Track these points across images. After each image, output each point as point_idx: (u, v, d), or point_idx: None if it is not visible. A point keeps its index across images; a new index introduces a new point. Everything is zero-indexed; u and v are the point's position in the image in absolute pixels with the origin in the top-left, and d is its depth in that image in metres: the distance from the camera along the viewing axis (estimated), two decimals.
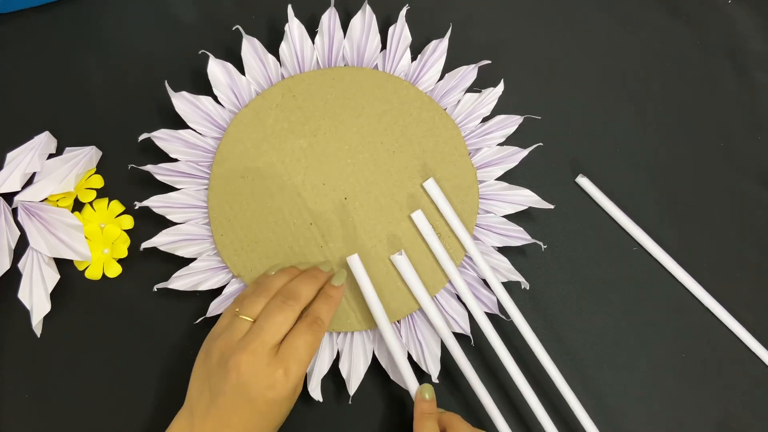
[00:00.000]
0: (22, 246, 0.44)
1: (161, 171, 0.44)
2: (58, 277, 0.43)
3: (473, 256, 0.44)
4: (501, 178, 0.46)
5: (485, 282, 0.44)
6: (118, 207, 0.45)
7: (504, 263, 0.45)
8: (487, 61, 0.46)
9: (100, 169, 0.46)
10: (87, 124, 0.47)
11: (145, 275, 0.44)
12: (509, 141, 0.47)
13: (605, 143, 0.49)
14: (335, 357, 0.43)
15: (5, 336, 0.44)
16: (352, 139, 0.45)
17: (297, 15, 0.45)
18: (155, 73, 0.47)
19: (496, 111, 0.47)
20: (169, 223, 0.44)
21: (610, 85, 0.50)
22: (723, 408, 0.46)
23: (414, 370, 0.42)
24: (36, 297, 0.43)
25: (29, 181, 0.44)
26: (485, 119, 0.47)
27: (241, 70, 0.45)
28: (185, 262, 0.43)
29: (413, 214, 0.44)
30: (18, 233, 0.44)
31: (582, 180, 0.48)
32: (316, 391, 0.42)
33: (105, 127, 0.47)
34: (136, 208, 0.43)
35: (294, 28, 0.45)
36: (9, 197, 0.44)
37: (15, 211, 0.44)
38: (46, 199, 0.44)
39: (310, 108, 0.46)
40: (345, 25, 0.46)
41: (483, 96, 0.47)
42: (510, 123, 0.46)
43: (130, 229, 0.45)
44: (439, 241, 0.44)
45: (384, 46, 0.47)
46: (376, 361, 0.43)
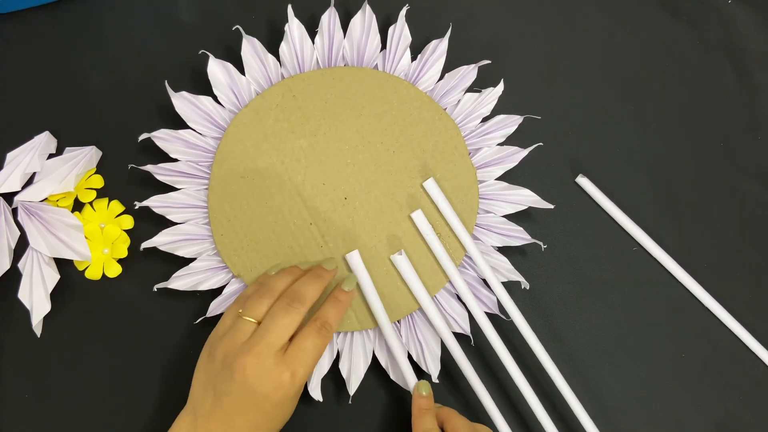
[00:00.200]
0: (22, 246, 0.44)
1: (161, 171, 0.44)
2: (58, 277, 0.43)
3: (473, 256, 0.44)
4: (501, 178, 0.46)
5: (485, 282, 0.44)
6: (118, 207, 0.45)
7: (504, 263, 0.45)
8: (487, 61, 0.46)
9: (100, 169, 0.46)
10: (87, 124, 0.47)
11: (145, 275, 0.44)
12: (509, 141, 0.47)
13: (605, 143, 0.49)
14: (335, 357, 0.43)
15: (5, 336, 0.44)
16: (352, 139, 0.45)
17: (297, 15, 0.45)
18: (155, 73, 0.47)
19: (496, 111, 0.47)
20: (169, 223, 0.44)
21: (610, 85, 0.50)
22: (723, 408, 0.46)
23: (414, 369, 0.42)
24: (36, 297, 0.43)
25: (29, 181, 0.44)
26: (485, 119, 0.47)
27: (241, 70, 0.45)
28: (185, 262, 0.44)
29: (413, 213, 0.44)
30: (18, 233, 0.44)
31: (582, 180, 0.48)
32: (316, 391, 0.42)
33: (105, 127, 0.47)
34: (136, 208, 0.43)
35: (294, 28, 0.45)
36: (9, 197, 0.44)
37: (15, 211, 0.44)
38: (46, 199, 0.44)
39: (310, 108, 0.46)
40: (345, 25, 0.46)
41: (483, 96, 0.47)
42: (510, 123, 0.46)
43: (130, 229, 0.45)
44: (439, 241, 0.44)
45: (384, 46, 0.47)
46: (376, 360, 0.44)
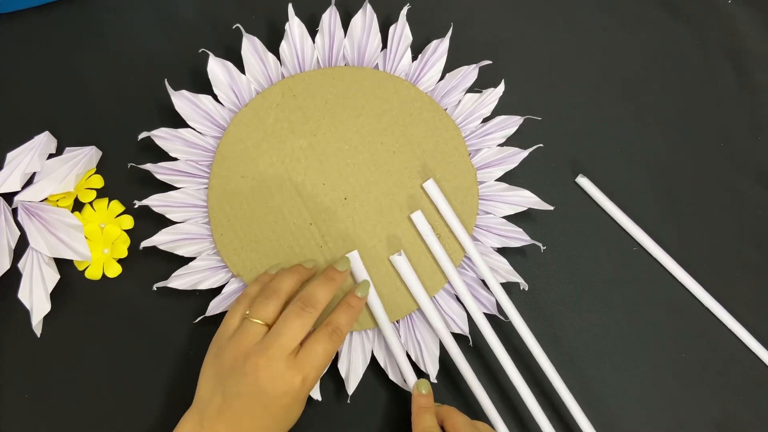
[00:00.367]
0: (22, 246, 0.44)
1: (161, 170, 0.44)
2: (58, 277, 0.43)
3: (472, 257, 0.44)
4: (501, 178, 0.46)
5: (484, 283, 0.44)
6: (118, 207, 0.45)
7: (503, 264, 0.45)
8: (488, 62, 0.46)
9: (100, 169, 0.46)
10: (87, 124, 0.47)
11: (145, 275, 0.44)
12: (509, 141, 0.47)
13: (605, 143, 0.49)
14: (334, 356, 0.43)
15: (5, 336, 0.44)
16: (352, 139, 0.45)
17: (297, 14, 0.45)
18: (155, 72, 0.47)
19: (496, 111, 0.47)
20: (169, 223, 0.44)
21: (610, 85, 0.50)
22: (723, 408, 0.46)
23: (413, 369, 0.42)
24: (36, 297, 0.43)
25: (29, 181, 0.44)
26: (486, 120, 0.47)
27: (242, 69, 0.45)
28: (185, 261, 0.43)
29: (413, 214, 0.44)
30: (18, 233, 0.44)
31: (582, 180, 0.48)
32: (315, 391, 0.42)
33: (105, 127, 0.47)
34: (136, 206, 0.43)
35: (294, 27, 0.45)
36: (9, 197, 0.44)
37: (15, 211, 0.44)
38: (46, 199, 0.44)
39: (310, 107, 0.46)
40: (345, 25, 0.46)
41: (484, 96, 0.46)
42: (510, 123, 0.46)
43: (130, 229, 0.45)
44: (438, 242, 0.44)
45: (384, 46, 0.47)
46: (374, 360, 0.44)
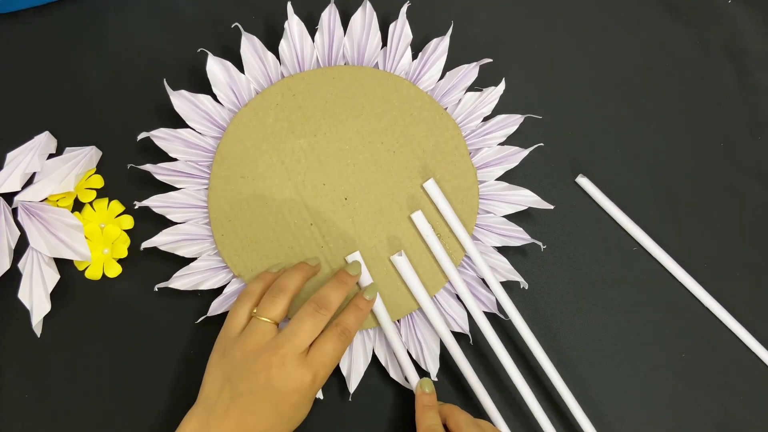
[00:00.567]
0: (22, 246, 0.44)
1: (161, 170, 0.44)
2: (58, 277, 0.43)
3: (472, 256, 0.44)
4: (501, 178, 0.46)
5: (484, 282, 0.44)
6: (118, 207, 0.45)
7: (503, 263, 0.45)
8: (489, 60, 0.46)
9: (100, 169, 0.46)
10: (87, 124, 0.47)
11: (145, 275, 0.44)
12: (509, 140, 0.47)
13: (605, 143, 0.49)
14: None
15: (5, 336, 0.44)
16: (352, 139, 0.45)
17: (297, 12, 0.45)
18: (155, 72, 0.47)
19: (496, 110, 0.47)
20: (169, 223, 0.44)
21: (610, 85, 0.50)
22: (723, 408, 0.46)
23: (414, 368, 0.42)
24: (36, 297, 0.43)
25: (29, 181, 0.44)
26: (486, 118, 0.47)
27: (241, 69, 0.45)
28: (185, 261, 0.43)
29: (413, 214, 0.44)
30: (18, 233, 0.44)
31: (582, 180, 0.48)
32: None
33: (105, 127, 0.47)
34: (136, 207, 0.43)
35: (294, 25, 0.45)
36: (9, 197, 0.44)
37: (15, 211, 0.44)
38: (46, 199, 0.44)
39: (310, 107, 0.45)
40: (345, 23, 0.46)
41: (484, 95, 0.46)
42: (511, 122, 0.46)
43: (130, 229, 0.45)
44: (438, 242, 0.44)
45: (384, 44, 0.47)
46: (375, 359, 0.44)
